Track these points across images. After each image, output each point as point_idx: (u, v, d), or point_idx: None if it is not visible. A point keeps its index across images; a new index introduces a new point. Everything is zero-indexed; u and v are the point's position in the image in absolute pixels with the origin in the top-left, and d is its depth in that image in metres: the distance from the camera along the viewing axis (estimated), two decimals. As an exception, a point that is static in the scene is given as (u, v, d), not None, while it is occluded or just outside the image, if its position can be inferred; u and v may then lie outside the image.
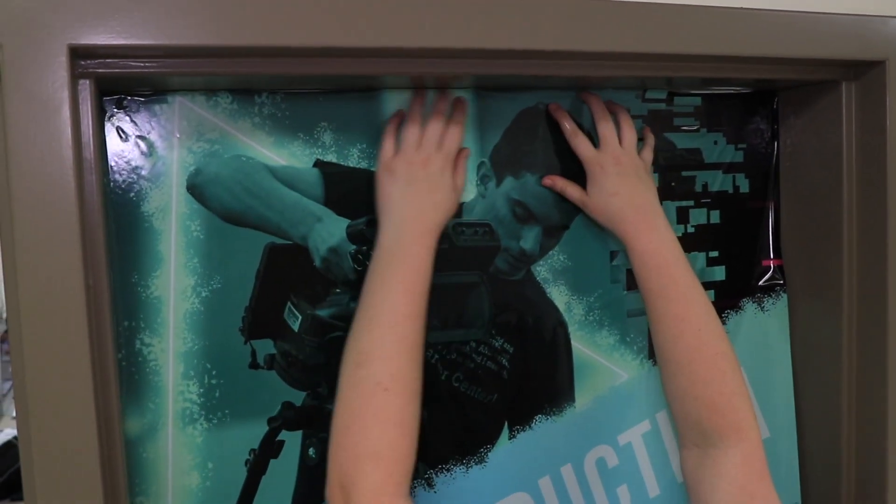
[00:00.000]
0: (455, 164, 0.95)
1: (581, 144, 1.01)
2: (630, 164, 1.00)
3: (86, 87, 0.76)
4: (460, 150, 0.96)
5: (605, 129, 1.01)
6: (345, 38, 0.78)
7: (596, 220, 1.01)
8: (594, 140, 1.02)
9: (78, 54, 0.73)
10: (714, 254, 1.14)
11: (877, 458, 1.03)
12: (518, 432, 1.04)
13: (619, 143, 1.00)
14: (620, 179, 0.98)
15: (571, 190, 1.01)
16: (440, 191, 0.92)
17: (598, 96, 1.03)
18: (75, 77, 0.74)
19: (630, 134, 1.02)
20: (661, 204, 1.07)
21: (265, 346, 0.93)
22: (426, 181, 0.91)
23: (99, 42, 0.72)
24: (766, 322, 1.17)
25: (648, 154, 1.05)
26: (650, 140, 1.06)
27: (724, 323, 1.13)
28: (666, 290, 0.94)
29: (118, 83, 0.84)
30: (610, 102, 1.04)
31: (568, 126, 1.02)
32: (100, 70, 0.76)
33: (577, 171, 1.03)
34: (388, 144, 0.93)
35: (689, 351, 0.92)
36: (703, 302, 0.94)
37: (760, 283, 1.16)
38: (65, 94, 0.72)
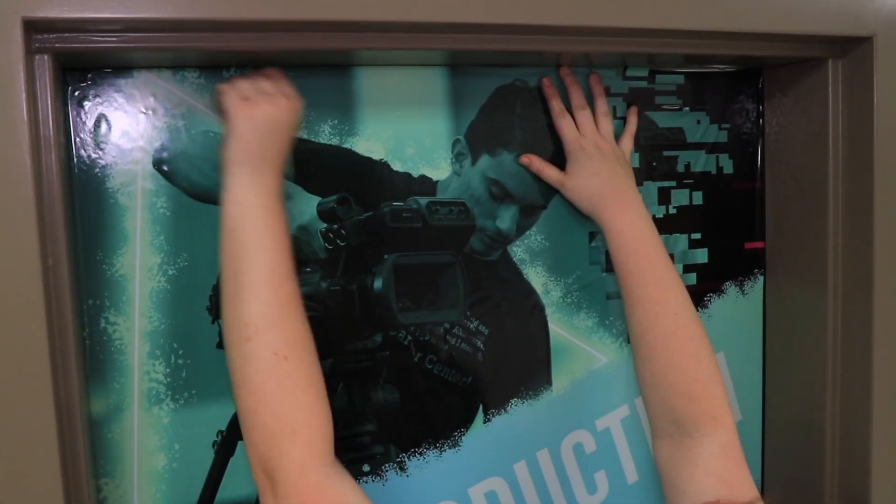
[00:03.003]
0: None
1: (565, 125, 1.00)
2: (611, 149, 1.00)
3: (43, 63, 0.74)
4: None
5: (583, 116, 1.01)
6: (315, 11, 0.76)
7: (573, 201, 0.99)
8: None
9: (34, 28, 0.72)
10: (696, 236, 1.12)
11: (860, 442, 1.02)
12: (493, 416, 1.03)
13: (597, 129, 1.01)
14: (602, 161, 0.98)
15: (549, 171, 1.00)
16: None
17: (577, 84, 1.02)
18: (31, 52, 0.72)
19: (606, 123, 1.02)
20: (643, 184, 1.07)
21: (233, 327, 0.92)
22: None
23: (55, 15, 0.70)
24: (747, 305, 1.15)
25: (628, 143, 1.04)
26: (631, 127, 1.05)
27: (705, 306, 1.12)
28: (644, 273, 0.92)
29: (81, 58, 0.82)
30: (594, 78, 1.03)
31: (555, 106, 1.01)
32: (58, 45, 0.74)
33: (554, 151, 1.02)
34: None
35: (666, 335, 0.90)
36: (679, 286, 0.92)
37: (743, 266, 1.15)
38: (20, 70, 0.70)
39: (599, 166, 0.97)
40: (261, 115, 0.78)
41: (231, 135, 0.78)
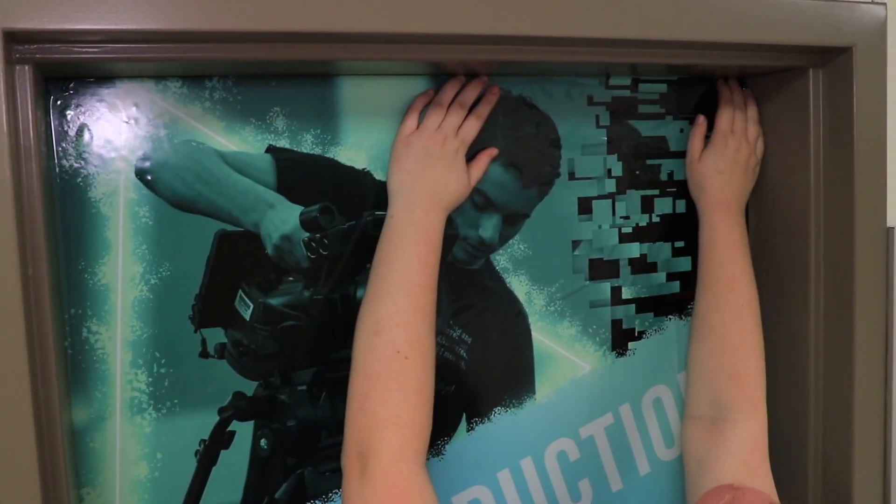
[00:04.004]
0: (477, 157, 0.97)
1: (725, 116, 1.06)
2: (746, 156, 1.05)
3: (24, 73, 0.74)
4: (487, 149, 0.98)
5: (740, 117, 1.06)
6: (297, 22, 0.76)
7: (689, 176, 1.07)
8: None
9: (14, 39, 0.72)
10: (680, 244, 1.12)
11: (843, 445, 1.03)
12: (476, 424, 1.03)
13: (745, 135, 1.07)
14: (733, 164, 1.04)
15: (699, 140, 1.07)
16: (454, 172, 0.93)
17: (728, 89, 1.08)
18: (11, 62, 0.72)
19: (754, 128, 1.07)
20: (625, 193, 1.07)
21: (216, 335, 0.92)
22: (441, 159, 0.92)
23: (35, 26, 0.70)
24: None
25: (761, 148, 1.08)
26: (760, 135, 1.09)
27: (689, 314, 1.13)
28: (725, 264, 1.01)
29: (63, 67, 0.82)
30: (740, 91, 1.09)
31: (726, 95, 1.08)
32: (39, 56, 0.74)
33: (535, 159, 1.02)
34: (409, 120, 0.94)
35: (729, 319, 0.98)
36: (754, 291, 1.01)
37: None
38: (-1, 80, 0.70)
39: (727, 167, 1.04)
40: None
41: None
